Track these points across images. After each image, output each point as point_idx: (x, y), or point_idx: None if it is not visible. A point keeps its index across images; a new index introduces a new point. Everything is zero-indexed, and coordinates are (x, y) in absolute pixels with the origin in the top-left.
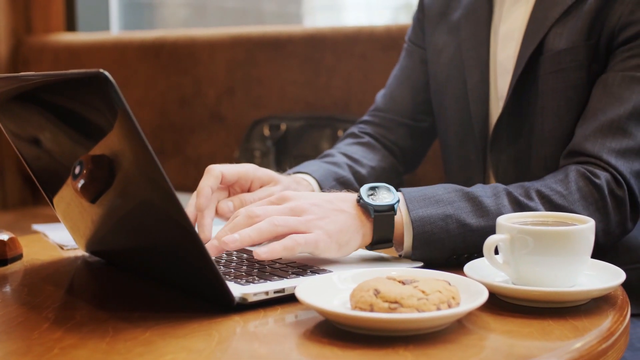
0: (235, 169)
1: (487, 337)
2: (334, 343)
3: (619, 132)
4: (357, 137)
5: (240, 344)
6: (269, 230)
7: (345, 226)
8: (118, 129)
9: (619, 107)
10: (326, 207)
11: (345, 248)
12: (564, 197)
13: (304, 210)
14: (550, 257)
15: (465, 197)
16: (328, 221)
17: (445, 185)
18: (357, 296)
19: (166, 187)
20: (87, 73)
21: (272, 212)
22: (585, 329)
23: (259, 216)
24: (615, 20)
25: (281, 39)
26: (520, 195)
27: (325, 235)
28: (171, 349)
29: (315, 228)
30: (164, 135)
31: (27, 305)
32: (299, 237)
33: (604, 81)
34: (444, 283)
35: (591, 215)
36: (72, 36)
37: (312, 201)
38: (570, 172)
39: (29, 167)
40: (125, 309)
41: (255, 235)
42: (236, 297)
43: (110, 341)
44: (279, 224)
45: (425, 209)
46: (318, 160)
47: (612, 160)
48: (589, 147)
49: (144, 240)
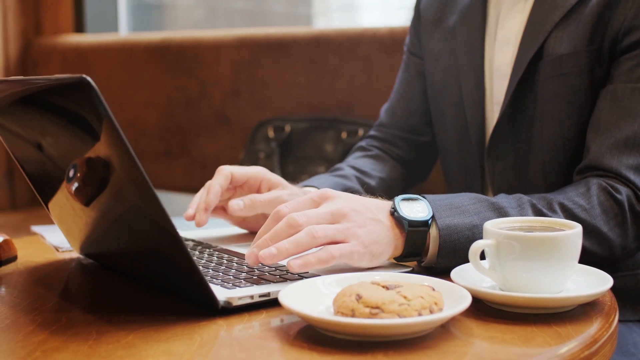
0: (245, 170)
1: (469, 343)
2: (313, 348)
3: (635, 149)
4: (366, 150)
5: (221, 348)
6: (308, 243)
7: (380, 237)
8: (103, 134)
9: (632, 122)
10: (365, 215)
11: (378, 259)
12: (586, 211)
13: (343, 216)
14: (537, 263)
15: (491, 208)
16: (365, 231)
17: (469, 195)
18: (339, 301)
19: (149, 190)
20: (70, 79)
21: (313, 218)
22: (569, 336)
23: (301, 225)
24: (619, 24)
25: (285, 40)
26: (543, 207)
27: (361, 246)
28: (152, 353)
29: (352, 237)
30: (170, 137)
31: (16, 307)
32: (334, 249)
33: (613, 93)
34: (428, 289)
35: (611, 230)
36: (80, 38)
37: (352, 205)
38: (592, 185)
39: (23, 170)
40: (112, 312)
41: (293, 248)
42: (221, 301)
43: (93, 344)
44: (318, 235)
45: (452, 218)
46: (327, 174)
47: (631, 176)
48: (606, 162)
49: (133, 243)
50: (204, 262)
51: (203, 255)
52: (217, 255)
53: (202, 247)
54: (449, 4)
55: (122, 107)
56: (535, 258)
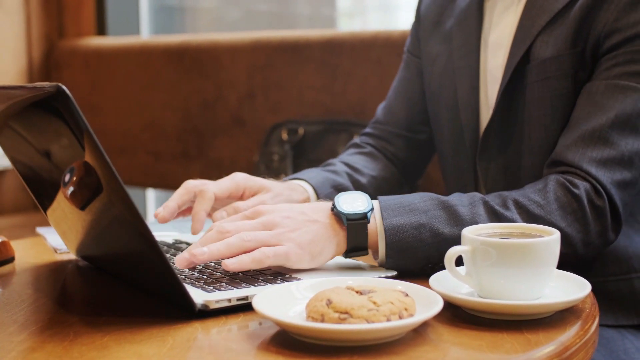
0: (226, 185)
1: (437, 349)
2: (281, 352)
3: (600, 142)
4: (360, 147)
5: (191, 350)
6: (238, 245)
7: (317, 236)
8: (85, 142)
9: (602, 116)
10: (299, 219)
11: (318, 258)
12: (541, 207)
13: (275, 224)
14: (514, 270)
15: (440, 206)
16: (300, 232)
17: (422, 194)
18: (310, 306)
19: (125, 197)
20: (47, 88)
21: (243, 227)
22: (538, 343)
23: (230, 232)
24: (601, 28)
25: (300, 43)
26: (496, 205)
27: (297, 247)
28: (123, 354)
29: (285, 241)
30: (187, 139)
31: (3, 307)
32: (268, 250)
33: (588, 90)
34: (400, 294)
35: (569, 226)
36: (101, 40)
37: (284, 214)
38: (550, 181)
39: (20, 173)
40: (93, 314)
41: (224, 249)
42: (198, 304)
43: (68, 345)
44: (248, 239)
45: (399, 218)
46: (318, 168)
47: (593, 170)
48: (569, 156)
49: (120, 248)
50: (174, 266)
51: None
52: None
53: None
54: (447, 7)
55: (141, 108)
56: (511, 264)
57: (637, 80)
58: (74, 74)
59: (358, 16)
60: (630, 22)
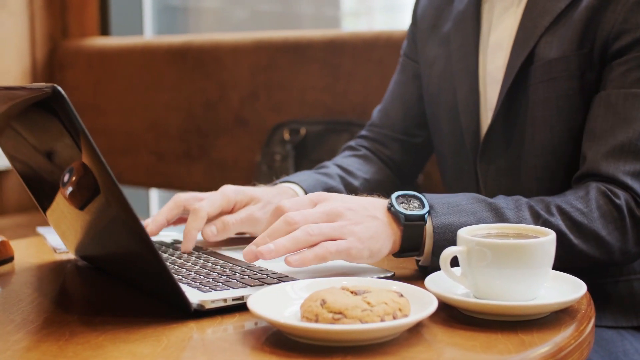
0: (217, 202)
1: (430, 350)
2: (274, 352)
3: (631, 155)
4: (354, 149)
5: (185, 350)
6: (305, 240)
7: (377, 233)
8: (81, 142)
9: (627, 128)
10: (361, 212)
11: (376, 255)
12: (584, 215)
13: (339, 215)
14: (509, 270)
15: (488, 208)
16: (362, 227)
17: (467, 195)
18: (305, 306)
19: (121, 197)
20: (43, 88)
21: (310, 217)
22: (532, 344)
23: (297, 223)
24: (609, 29)
25: (302, 43)
26: (541, 210)
27: (358, 242)
28: (117, 353)
29: (349, 234)
30: (190, 139)
31: (1, 307)
32: (331, 245)
33: (606, 99)
34: (395, 294)
35: (610, 234)
36: (104, 41)
37: (347, 205)
38: (591, 189)
39: (19, 173)
40: (90, 313)
41: (290, 245)
42: (194, 304)
43: (63, 344)
44: (314, 233)
45: (448, 217)
46: (311, 170)
47: (629, 182)
48: (603, 169)
49: (118, 248)
50: (189, 265)
51: (190, 258)
52: (204, 258)
53: (193, 250)
54: (444, 10)
55: (145, 108)
56: (506, 265)
57: None
58: (77, 74)
59: (363, 16)
60: (639, 23)
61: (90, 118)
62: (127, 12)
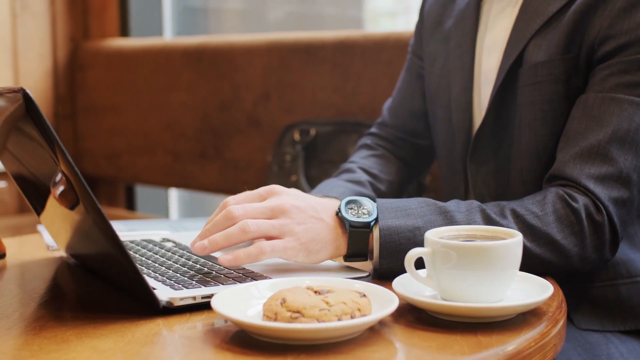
0: None
1: (384, 350)
2: (231, 349)
3: (599, 158)
4: (372, 148)
5: (145, 346)
6: (238, 237)
7: (319, 236)
8: (56, 150)
9: (599, 131)
10: (307, 212)
11: (315, 256)
12: (538, 218)
13: (283, 212)
14: (474, 272)
15: (437, 211)
16: (303, 228)
17: (420, 199)
18: (266, 305)
19: (92, 203)
20: (9, 90)
21: (251, 212)
22: (489, 345)
23: (236, 218)
24: (595, 34)
25: (313, 45)
26: (493, 213)
27: (296, 242)
28: (79, 348)
29: (288, 234)
30: (205, 139)
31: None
32: (265, 245)
33: (584, 102)
34: (356, 295)
35: (566, 239)
36: (124, 42)
37: (295, 203)
38: (549, 193)
39: (12, 176)
40: (65, 309)
41: (223, 241)
42: (163, 301)
43: (30, 338)
44: (250, 230)
45: (395, 220)
46: (341, 179)
47: (591, 185)
48: (567, 171)
49: (97, 247)
50: (168, 264)
51: (173, 256)
52: (186, 257)
53: (178, 248)
54: (448, 7)
55: (162, 109)
56: (471, 267)
57: (632, 93)
58: (97, 75)
59: (400, 16)
60: (624, 29)
61: (109, 118)
62: (147, 14)
